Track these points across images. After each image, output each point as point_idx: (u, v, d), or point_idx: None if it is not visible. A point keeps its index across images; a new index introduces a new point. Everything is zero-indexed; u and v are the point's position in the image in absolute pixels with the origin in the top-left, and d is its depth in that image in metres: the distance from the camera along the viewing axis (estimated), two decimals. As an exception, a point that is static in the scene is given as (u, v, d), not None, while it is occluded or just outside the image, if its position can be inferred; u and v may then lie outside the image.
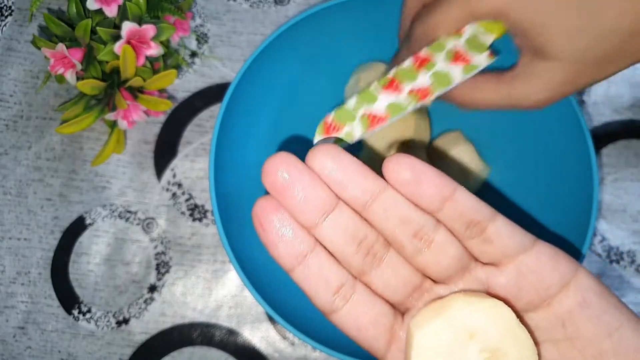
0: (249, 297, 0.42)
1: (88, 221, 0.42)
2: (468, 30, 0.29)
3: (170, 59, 0.43)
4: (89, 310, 0.41)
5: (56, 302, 0.41)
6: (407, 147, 0.42)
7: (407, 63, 0.29)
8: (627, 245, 0.43)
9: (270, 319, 0.42)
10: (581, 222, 0.34)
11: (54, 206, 0.43)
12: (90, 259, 0.42)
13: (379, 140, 0.40)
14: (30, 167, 0.43)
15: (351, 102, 0.29)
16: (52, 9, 0.45)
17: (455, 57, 0.29)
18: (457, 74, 0.29)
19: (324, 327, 0.35)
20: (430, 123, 0.42)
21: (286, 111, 0.40)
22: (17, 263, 0.42)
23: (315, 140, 0.28)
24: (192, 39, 0.45)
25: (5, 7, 0.45)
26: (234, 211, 0.36)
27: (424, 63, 0.29)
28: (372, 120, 0.28)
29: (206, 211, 0.43)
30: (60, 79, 0.40)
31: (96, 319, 0.41)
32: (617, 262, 0.42)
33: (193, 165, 0.43)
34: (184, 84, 0.44)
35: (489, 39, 0.29)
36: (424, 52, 0.29)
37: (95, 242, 0.42)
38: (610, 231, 0.43)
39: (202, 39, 0.45)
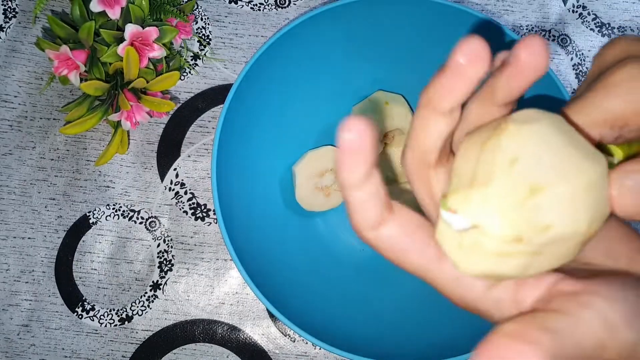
0: (250, 294, 0.42)
1: (92, 220, 0.43)
2: None
3: (172, 61, 0.43)
4: (92, 308, 0.42)
5: (60, 300, 0.42)
6: (391, 138, 0.42)
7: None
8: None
9: (272, 316, 0.42)
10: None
11: (57, 205, 0.43)
12: (94, 258, 0.43)
13: None
14: (34, 167, 0.43)
15: None
16: (55, 11, 0.45)
17: None
18: None
19: (324, 324, 0.35)
20: (410, 110, 0.42)
21: (287, 112, 0.40)
22: (21, 262, 0.42)
23: None
24: (194, 41, 0.45)
25: (9, 9, 0.45)
26: (236, 210, 0.36)
27: None
28: None
29: (208, 210, 0.43)
30: (64, 80, 0.40)
31: (99, 316, 0.42)
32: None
33: (195, 165, 0.44)
34: (187, 86, 0.45)
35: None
36: None
37: (99, 240, 0.43)
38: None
39: (204, 41, 0.46)
